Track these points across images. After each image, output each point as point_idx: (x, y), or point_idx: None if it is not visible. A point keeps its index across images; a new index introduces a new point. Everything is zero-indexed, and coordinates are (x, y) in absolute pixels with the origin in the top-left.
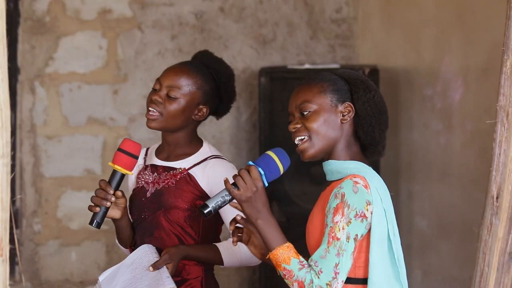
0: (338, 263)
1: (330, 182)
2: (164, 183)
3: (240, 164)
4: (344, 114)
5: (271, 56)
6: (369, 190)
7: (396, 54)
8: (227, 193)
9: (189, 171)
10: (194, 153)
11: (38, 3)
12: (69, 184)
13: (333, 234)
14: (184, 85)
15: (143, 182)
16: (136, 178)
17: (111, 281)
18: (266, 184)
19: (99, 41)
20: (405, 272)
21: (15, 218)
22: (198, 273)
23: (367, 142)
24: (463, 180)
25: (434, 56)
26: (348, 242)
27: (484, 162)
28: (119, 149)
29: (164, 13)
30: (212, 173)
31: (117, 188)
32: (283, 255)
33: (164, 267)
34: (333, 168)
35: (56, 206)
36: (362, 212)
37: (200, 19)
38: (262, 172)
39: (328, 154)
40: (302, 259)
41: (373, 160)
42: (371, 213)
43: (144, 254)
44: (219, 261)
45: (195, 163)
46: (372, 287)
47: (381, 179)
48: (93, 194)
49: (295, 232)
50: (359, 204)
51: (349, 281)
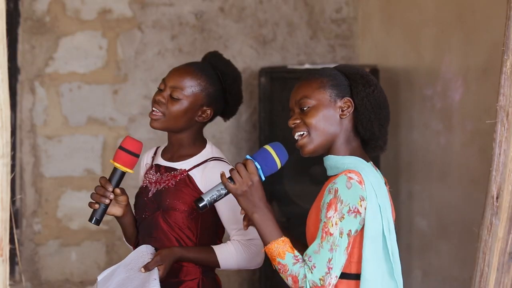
0: (331, 258)
1: (329, 177)
2: (164, 184)
3: None
4: (343, 109)
5: (271, 56)
6: (363, 185)
7: (396, 54)
8: (223, 187)
9: (189, 172)
10: (196, 154)
11: (38, 3)
12: (69, 184)
13: (326, 229)
14: (187, 86)
15: (147, 182)
16: (144, 177)
17: (107, 280)
18: (263, 178)
19: (99, 41)
20: (399, 268)
21: (15, 218)
22: (195, 275)
23: (367, 137)
24: (463, 180)
25: (434, 56)
26: (341, 237)
27: (484, 162)
28: (120, 147)
29: (164, 13)
30: (211, 175)
31: (117, 185)
32: (278, 249)
33: (156, 269)
34: (332, 163)
35: (56, 206)
36: (355, 208)
37: (200, 19)
38: (259, 166)
39: (328, 149)
40: (297, 254)
41: (374, 159)
42: (365, 209)
43: (141, 255)
44: (215, 263)
45: (195, 164)
46: (364, 283)
47: (378, 174)
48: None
49: (295, 232)
50: (352, 199)
51: (343, 276)
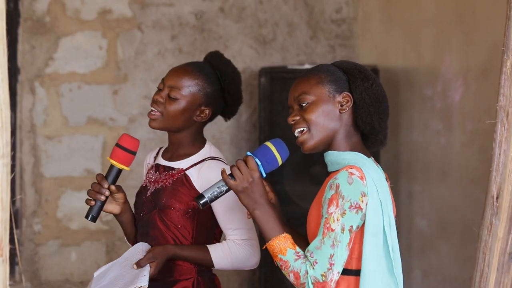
0: (333, 254)
1: (330, 173)
2: (162, 183)
3: None
4: (343, 104)
5: (271, 56)
6: (364, 181)
7: (396, 54)
8: (224, 184)
9: (186, 171)
10: (195, 153)
11: (38, 3)
12: (69, 184)
13: (328, 225)
14: (185, 86)
15: (147, 181)
16: (145, 177)
17: (102, 277)
18: (264, 175)
19: (99, 41)
20: (400, 265)
21: (15, 218)
22: (191, 274)
23: (367, 131)
24: (463, 180)
25: (434, 56)
26: (343, 233)
27: (484, 162)
28: (117, 144)
29: (164, 13)
30: (207, 174)
31: (113, 182)
32: (279, 246)
33: (147, 265)
34: (332, 159)
35: (56, 206)
36: (356, 204)
37: (200, 19)
38: (259, 163)
39: (328, 145)
40: (298, 250)
41: (374, 158)
42: (366, 205)
43: (136, 252)
44: (209, 263)
45: (192, 164)
46: (364, 279)
47: (379, 170)
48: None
49: (295, 232)
50: (353, 195)
51: (343, 272)
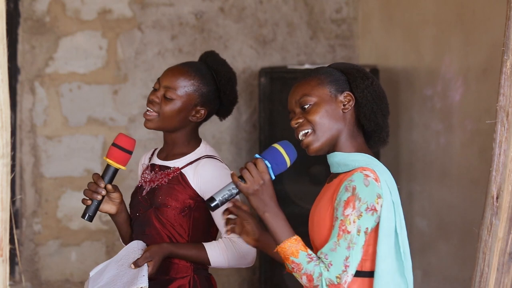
0: (349, 256)
1: (337, 174)
2: (158, 182)
3: (240, 164)
4: (345, 103)
5: (271, 56)
6: (379, 183)
7: (396, 54)
8: (234, 186)
9: (182, 170)
10: (190, 152)
11: (38, 3)
12: (69, 184)
13: (343, 227)
14: (180, 86)
15: (142, 181)
16: (141, 177)
17: (98, 276)
18: (273, 177)
19: (99, 41)
20: (410, 266)
21: (15, 218)
22: (187, 272)
23: (371, 129)
24: (463, 180)
25: (434, 56)
26: (358, 235)
27: (484, 162)
28: (113, 144)
29: (164, 13)
30: (202, 173)
31: (110, 182)
32: (291, 248)
33: (146, 265)
34: (339, 160)
35: (56, 206)
36: (373, 206)
37: (200, 19)
38: (269, 165)
39: (333, 146)
40: (310, 252)
41: (375, 157)
42: (381, 206)
43: (132, 251)
44: (205, 260)
45: (188, 162)
46: (378, 280)
47: (388, 171)
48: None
49: (296, 232)
50: (370, 197)
51: (356, 274)
